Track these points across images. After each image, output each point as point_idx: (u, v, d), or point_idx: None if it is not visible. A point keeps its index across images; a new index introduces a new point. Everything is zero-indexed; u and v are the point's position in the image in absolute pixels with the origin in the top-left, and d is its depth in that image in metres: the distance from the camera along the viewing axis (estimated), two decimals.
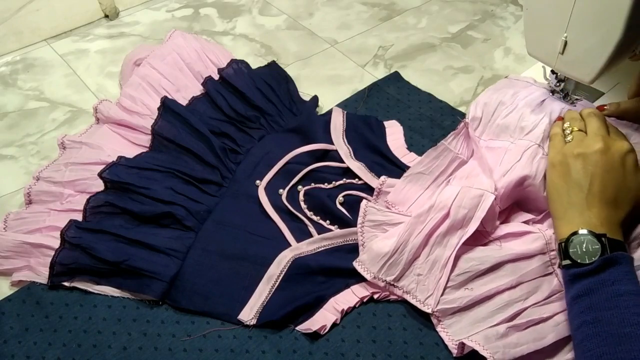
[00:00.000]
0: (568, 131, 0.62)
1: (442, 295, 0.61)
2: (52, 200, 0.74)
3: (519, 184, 0.64)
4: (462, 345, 0.58)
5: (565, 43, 0.62)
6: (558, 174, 0.59)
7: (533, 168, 0.64)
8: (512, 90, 0.71)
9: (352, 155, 0.78)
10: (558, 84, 0.70)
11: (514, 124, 0.68)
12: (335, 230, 0.70)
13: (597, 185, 0.56)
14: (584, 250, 0.53)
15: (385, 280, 0.63)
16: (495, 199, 0.63)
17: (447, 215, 0.63)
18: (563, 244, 0.55)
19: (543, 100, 0.69)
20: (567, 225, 0.56)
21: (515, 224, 0.66)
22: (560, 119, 0.66)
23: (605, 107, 0.66)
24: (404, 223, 0.65)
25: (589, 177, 0.57)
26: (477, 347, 0.55)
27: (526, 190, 0.65)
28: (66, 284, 0.65)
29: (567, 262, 0.54)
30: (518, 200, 0.68)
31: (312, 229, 0.70)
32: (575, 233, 0.54)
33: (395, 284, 0.63)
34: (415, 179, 0.70)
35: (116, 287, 0.65)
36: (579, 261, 0.53)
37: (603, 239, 0.53)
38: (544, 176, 0.64)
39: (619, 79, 0.79)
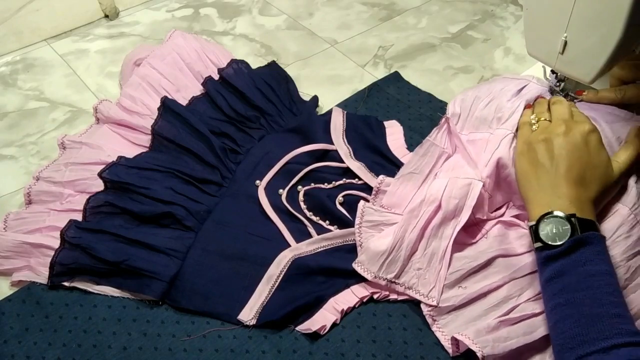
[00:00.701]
0: (534, 121, 0.63)
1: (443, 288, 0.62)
2: (52, 200, 0.74)
3: (498, 171, 0.65)
4: (456, 342, 0.58)
5: (565, 43, 0.63)
6: (526, 160, 0.60)
7: (511, 154, 0.65)
8: (487, 85, 0.73)
9: (352, 155, 0.78)
10: (558, 84, 0.70)
11: (491, 115, 0.69)
12: (335, 230, 0.70)
13: (563, 166, 0.57)
14: (555, 231, 0.53)
15: (386, 279, 0.63)
16: (483, 185, 0.64)
17: (438, 207, 0.64)
18: (534, 227, 0.55)
19: (520, 90, 0.70)
20: (537, 208, 0.57)
21: (506, 217, 0.66)
22: (530, 106, 0.67)
23: (584, 92, 0.68)
24: (399, 221, 0.66)
25: (555, 159, 0.57)
26: (467, 342, 0.56)
27: (508, 181, 0.66)
28: (66, 284, 0.65)
29: (539, 244, 0.54)
30: (507, 195, 0.68)
31: (311, 230, 0.70)
32: (544, 215, 0.55)
33: (396, 281, 0.63)
34: (407, 179, 0.70)
35: (116, 287, 0.65)
36: (549, 243, 0.53)
37: (572, 219, 0.53)
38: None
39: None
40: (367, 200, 0.71)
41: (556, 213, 0.54)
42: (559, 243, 0.53)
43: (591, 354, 0.47)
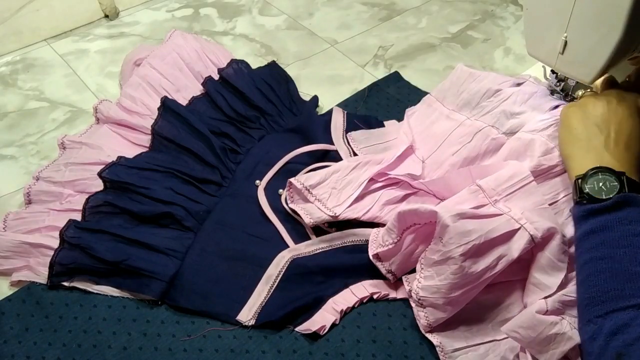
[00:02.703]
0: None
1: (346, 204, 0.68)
2: (51, 200, 0.74)
3: (466, 163, 0.70)
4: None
5: (565, 43, 0.62)
6: (577, 118, 0.60)
7: (482, 148, 0.69)
8: (488, 72, 0.76)
9: (353, 155, 0.77)
10: (558, 84, 0.70)
11: (477, 100, 0.72)
12: (333, 232, 0.69)
13: (617, 129, 0.57)
14: (601, 186, 0.53)
15: (302, 183, 0.68)
16: (410, 147, 0.75)
17: (377, 162, 0.72)
18: (579, 180, 0.55)
19: (518, 85, 0.72)
20: (584, 162, 0.56)
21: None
22: None
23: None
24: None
25: (608, 121, 0.57)
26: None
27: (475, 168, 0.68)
28: (65, 283, 0.65)
29: (582, 197, 0.54)
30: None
31: (310, 231, 0.70)
32: (593, 169, 0.54)
33: (310, 190, 0.68)
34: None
35: (116, 287, 0.65)
36: (595, 197, 0.53)
37: (622, 177, 0.53)
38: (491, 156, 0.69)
39: (619, 79, 0.79)
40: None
41: (605, 169, 0.54)
42: (605, 197, 0.52)
43: (625, 308, 0.47)
